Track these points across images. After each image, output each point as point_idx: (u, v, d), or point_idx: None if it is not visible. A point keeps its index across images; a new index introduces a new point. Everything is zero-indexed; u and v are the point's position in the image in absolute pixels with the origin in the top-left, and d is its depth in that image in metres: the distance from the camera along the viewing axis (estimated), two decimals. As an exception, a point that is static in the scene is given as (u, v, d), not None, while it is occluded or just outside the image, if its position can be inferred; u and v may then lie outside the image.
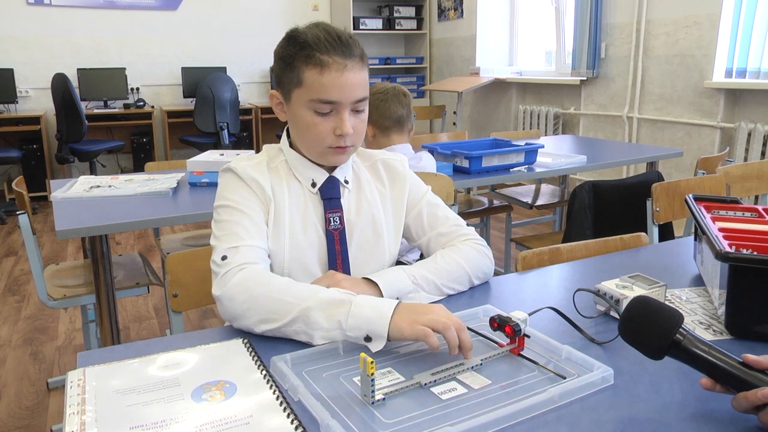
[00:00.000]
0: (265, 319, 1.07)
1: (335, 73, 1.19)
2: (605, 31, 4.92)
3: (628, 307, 0.89)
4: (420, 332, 0.97)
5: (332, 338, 1.03)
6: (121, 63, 6.28)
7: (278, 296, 1.07)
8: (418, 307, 1.03)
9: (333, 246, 1.29)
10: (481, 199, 3.64)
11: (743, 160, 3.86)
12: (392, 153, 1.45)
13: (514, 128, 5.98)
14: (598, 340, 1.06)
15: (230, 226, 1.20)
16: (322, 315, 1.03)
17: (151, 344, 1.06)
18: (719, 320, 1.14)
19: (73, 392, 0.89)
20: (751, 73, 3.99)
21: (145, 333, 3.16)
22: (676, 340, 0.83)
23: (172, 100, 6.61)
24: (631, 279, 1.21)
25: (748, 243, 1.16)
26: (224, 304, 1.11)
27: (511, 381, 0.93)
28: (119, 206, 2.08)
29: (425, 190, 1.44)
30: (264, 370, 0.95)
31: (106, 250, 2.01)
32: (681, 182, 2.35)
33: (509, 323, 1.00)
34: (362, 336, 1.01)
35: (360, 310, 1.02)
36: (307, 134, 1.25)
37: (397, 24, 7.03)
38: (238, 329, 1.11)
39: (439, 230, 1.39)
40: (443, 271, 1.27)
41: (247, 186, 1.25)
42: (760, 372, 0.79)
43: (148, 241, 4.75)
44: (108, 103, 6.23)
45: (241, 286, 1.10)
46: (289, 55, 1.21)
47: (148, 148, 6.27)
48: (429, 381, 0.92)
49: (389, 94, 2.28)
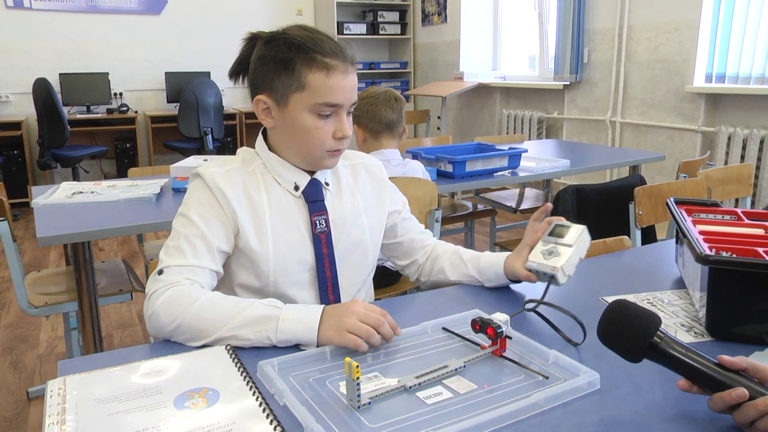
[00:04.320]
0: (193, 337, 1.07)
1: (340, 76, 1.19)
2: (588, 36, 4.96)
3: (606, 312, 0.89)
4: (350, 343, 1.02)
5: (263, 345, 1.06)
6: (104, 68, 6.23)
7: (205, 315, 1.07)
8: (341, 310, 1.06)
9: (320, 249, 1.29)
10: (465, 203, 3.65)
11: (724, 164, 3.90)
12: (370, 157, 1.46)
13: (498, 133, 6.00)
14: (575, 340, 1.07)
15: (180, 240, 1.19)
16: (250, 331, 1.05)
17: (134, 351, 1.05)
18: (700, 322, 1.15)
19: (53, 402, 0.88)
20: (730, 77, 4.04)
21: (128, 340, 3.13)
22: (654, 343, 0.84)
23: (155, 105, 6.57)
24: (552, 237, 1.24)
25: (728, 246, 1.17)
26: (152, 324, 1.11)
27: (495, 385, 0.93)
28: (102, 212, 2.06)
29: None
30: (247, 376, 0.94)
31: (88, 256, 1.99)
32: (663, 186, 2.38)
33: (491, 325, 1.01)
34: (292, 345, 1.06)
35: (287, 325, 1.05)
36: (306, 138, 1.23)
37: (381, 29, 7.03)
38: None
39: (411, 235, 1.47)
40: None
41: (212, 196, 1.23)
42: (735, 373, 0.80)
43: (132, 248, 4.71)
44: (91, 108, 6.17)
45: (166, 305, 1.09)
46: (286, 58, 1.19)
47: (131, 153, 6.23)
48: (414, 384, 0.92)
49: (380, 98, 2.29)
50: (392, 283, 2.32)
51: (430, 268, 1.44)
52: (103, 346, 2.16)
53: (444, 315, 1.16)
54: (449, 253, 1.42)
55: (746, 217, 1.38)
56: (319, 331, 1.04)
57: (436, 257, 1.44)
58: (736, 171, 2.84)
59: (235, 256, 1.27)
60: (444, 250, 1.44)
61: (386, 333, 1.05)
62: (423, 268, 1.46)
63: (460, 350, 1.05)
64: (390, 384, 0.92)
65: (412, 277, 1.49)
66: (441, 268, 1.41)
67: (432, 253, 1.46)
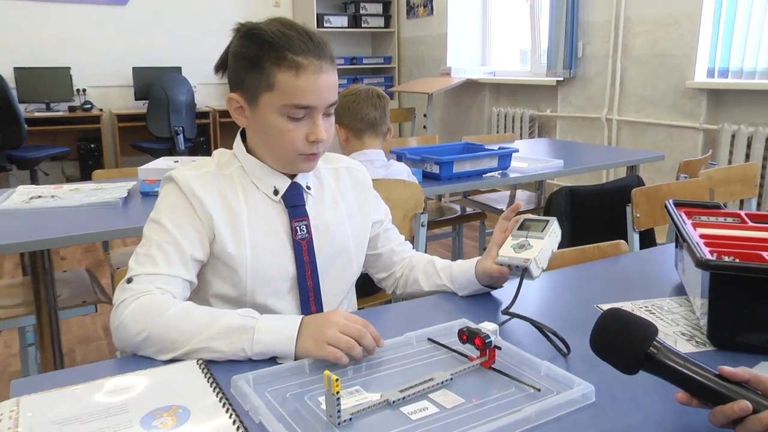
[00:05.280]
0: (163, 349, 1.06)
1: (311, 76, 1.18)
2: (582, 29, 5.00)
3: (598, 321, 0.89)
4: (329, 355, 1.01)
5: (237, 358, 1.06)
6: (65, 62, 6.17)
7: (176, 325, 1.07)
8: (320, 321, 1.06)
9: (301, 257, 1.29)
10: (452, 206, 3.66)
11: (727, 163, 3.93)
12: (354, 161, 1.47)
13: (487, 131, 6.03)
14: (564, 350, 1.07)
15: (151, 247, 1.18)
16: (223, 343, 1.05)
17: (98, 368, 1.04)
18: (702, 331, 1.16)
19: (4, 426, 0.86)
20: (734, 72, 4.07)
21: (92, 356, 3.10)
22: (650, 354, 0.83)
23: (122, 103, 6.53)
24: (522, 231, 1.25)
25: (730, 250, 1.18)
26: (119, 335, 1.10)
27: (484, 398, 0.93)
28: (64, 218, 2.04)
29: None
30: (220, 392, 0.94)
31: (48, 266, 1.97)
32: (662, 187, 2.40)
33: (479, 335, 1.01)
34: (269, 358, 1.06)
35: (263, 336, 1.05)
36: (277, 141, 1.23)
37: (364, 21, 7.05)
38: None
39: (391, 246, 1.48)
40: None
41: (185, 200, 1.22)
42: (737, 384, 0.80)
43: (97, 256, 4.67)
44: (51, 105, 6.11)
45: (135, 315, 1.08)
46: (256, 56, 1.18)
47: (96, 154, 6.18)
48: (398, 399, 0.92)
49: (361, 95, 2.29)
50: (375, 292, 2.32)
51: (405, 281, 1.46)
52: (63, 363, 2.14)
53: (429, 325, 1.16)
54: (423, 263, 1.44)
55: (750, 220, 1.39)
56: (297, 342, 1.04)
57: (411, 268, 1.46)
58: (740, 171, 2.87)
59: (210, 264, 1.26)
60: (419, 260, 1.46)
61: (368, 344, 1.04)
62: (399, 281, 1.48)
63: (446, 362, 1.05)
64: (372, 399, 0.92)
65: (389, 290, 1.51)
66: (416, 278, 1.43)
67: (408, 264, 1.47)
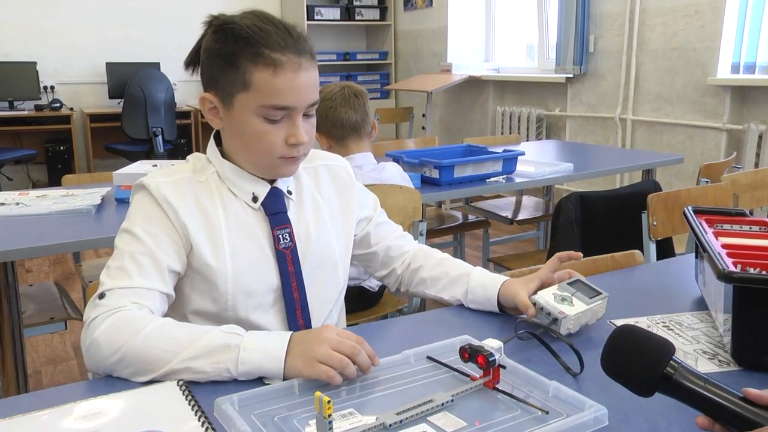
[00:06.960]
0: (140, 370, 1.06)
1: (290, 74, 1.18)
2: (594, 21, 5.02)
3: (610, 339, 0.89)
4: (322, 375, 1.02)
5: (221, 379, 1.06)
6: (31, 56, 6.15)
7: (153, 344, 1.06)
8: (310, 338, 1.07)
9: (285, 267, 1.29)
10: (454, 213, 3.66)
11: (753, 167, 3.93)
12: (333, 156, 1.47)
13: (491, 133, 6.04)
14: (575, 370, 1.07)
15: (124, 259, 1.18)
16: (206, 363, 1.05)
17: (67, 391, 1.04)
18: (725, 349, 1.16)
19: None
20: (761, 68, 4.05)
21: (61, 377, 3.09)
22: (667, 374, 0.83)
23: (95, 102, 6.52)
24: (571, 287, 1.24)
25: (756, 261, 1.18)
26: (91, 356, 1.09)
27: (488, 422, 0.93)
28: (29, 227, 2.03)
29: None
30: (202, 416, 0.94)
31: (11, 279, 1.96)
32: (681, 192, 2.40)
33: (482, 353, 1.01)
34: (255, 378, 1.06)
35: (249, 355, 1.05)
36: (254, 144, 1.23)
37: (358, 14, 7.06)
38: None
39: (387, 242, 1.47)
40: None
41: (159, 208, 1.22)
42: (764, 408, 0.79)
43: (67, 268, 4.66)
44: (15, 104, 6.10)
45: (108, 334, 1.08)
46: (230, 53, 1.18)
47: (66, 157, 6.17)
48: (395, 422, 0.92)
49: (338, 99, 2.27)
50: (371, 306, 2.32)
51: (410, 278, 1.46)
52: (28, 386, 2.13)
53: (428, 342, 1.16)
54: (432, 263, 1.44)
55: (777, 228, 1.39)
56: (286, 361, 1.04)
57: (417, 266, 1.45)
58: (767, 175, 2.86)
59: (188, 277, 1.26)
60: (426, 258, 1.46)
61: (363, 362, 1.04)
62: (402, 278, 1.48)
63: (447, 382, 1.05)
64: (367, 422, 0.92)
65: (392, 287, 1.51)
66: (422, 279, 1.43)
67: (413, 261, 1.47)
